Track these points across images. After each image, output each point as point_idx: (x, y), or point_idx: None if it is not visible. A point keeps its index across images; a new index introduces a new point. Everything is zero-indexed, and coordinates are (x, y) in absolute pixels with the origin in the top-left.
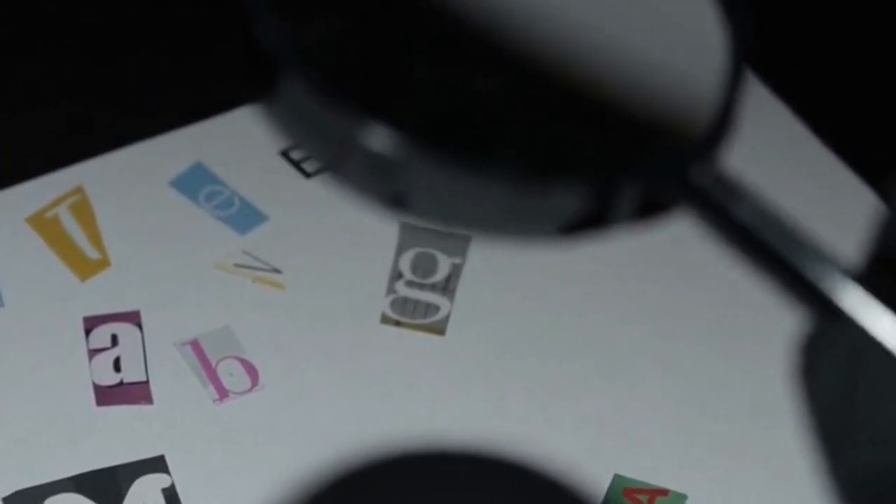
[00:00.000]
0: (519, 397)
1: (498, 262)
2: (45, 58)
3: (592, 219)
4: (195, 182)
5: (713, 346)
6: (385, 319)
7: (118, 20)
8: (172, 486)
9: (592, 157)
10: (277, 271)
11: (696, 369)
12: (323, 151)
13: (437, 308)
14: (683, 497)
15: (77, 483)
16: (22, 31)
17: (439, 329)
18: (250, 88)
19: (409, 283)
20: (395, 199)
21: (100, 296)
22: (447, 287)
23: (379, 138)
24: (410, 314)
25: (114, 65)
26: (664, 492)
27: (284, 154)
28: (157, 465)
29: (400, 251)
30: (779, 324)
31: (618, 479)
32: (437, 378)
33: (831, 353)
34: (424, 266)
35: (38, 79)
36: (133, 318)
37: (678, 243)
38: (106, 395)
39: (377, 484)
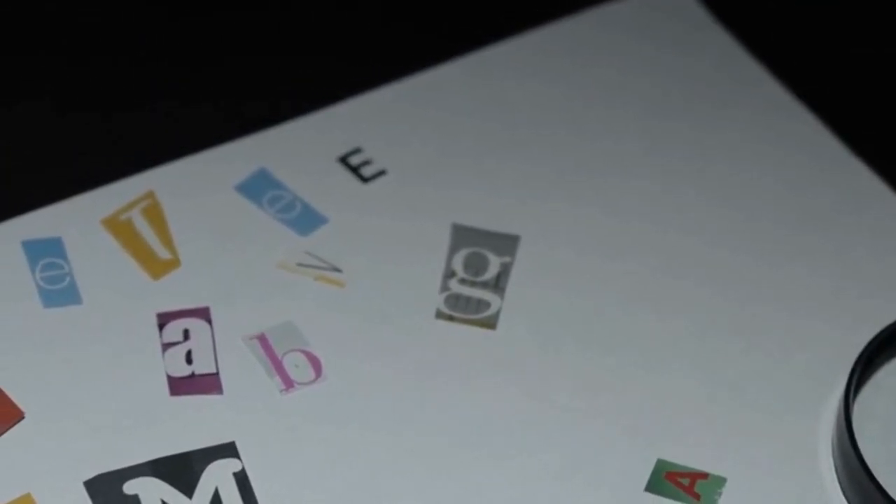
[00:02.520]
0: (565, 387)
1: (544, 262)
2: (114, 64)
3: None
4: (259, 187)
5: (747, 339)
6: (439, 315)
7: (189, 31)
8: (243, 471)
9: None
10: (337, 270)
11: (733, 361)
12: None
13: (487, 304)
14: (723, 480)
15: (154, 467)
16: (92, 37)
17: (490, 324)
18: None
19: (462, 281)
20: None
21: (171, 293)
22: (497, 284)
23: None
24: (463, 310)
25: (180, 75)
26: (704, 475)
27: (343, 160)
28: (228, 450)
29: (452, 251)
30: (807, 319)
31: (660, 464)
32: (489, 369)
33: None
34: (476, 265)
35: (109, 87)
36: (203, 313)
37: (712, 245)
38: (179, 386)
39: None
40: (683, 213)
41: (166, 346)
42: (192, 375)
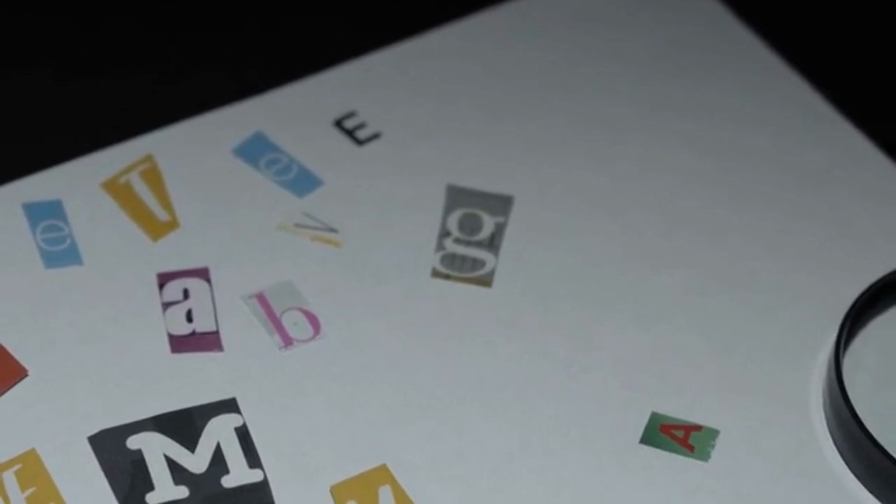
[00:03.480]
0: (561, 343)
1: (538, 222)
2: (112, 31)
3: None
4: (256, 150)
5: (740, 295)
6: (436, 273)
7: None
8: (244, 425)
9: None
10: (334, 230)
11: (725, 316)
12: None
13: (483, 263)
14: (716, 432)
15: (156, 423)
16: (91, 5)
17: (486, 281)
18: None
19: (457, 241)
20: None
21: (171, 254)
22: (492, 243)
23: None
24: (459, 268)
25: (176, 41)
26: (698, 427)
27: (338, 124)
28: (229, 406)
29: (447, 212)
30: (798, 275)
31: (655, 417)
32: (485, 326)
33: None
34: (470, 225)
35: (107, 53)
36: (202, 273)
37: (704, 205)
38: (180, 344)
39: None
40: (675, 173)
41: (166, 305)
42: (193, 333)
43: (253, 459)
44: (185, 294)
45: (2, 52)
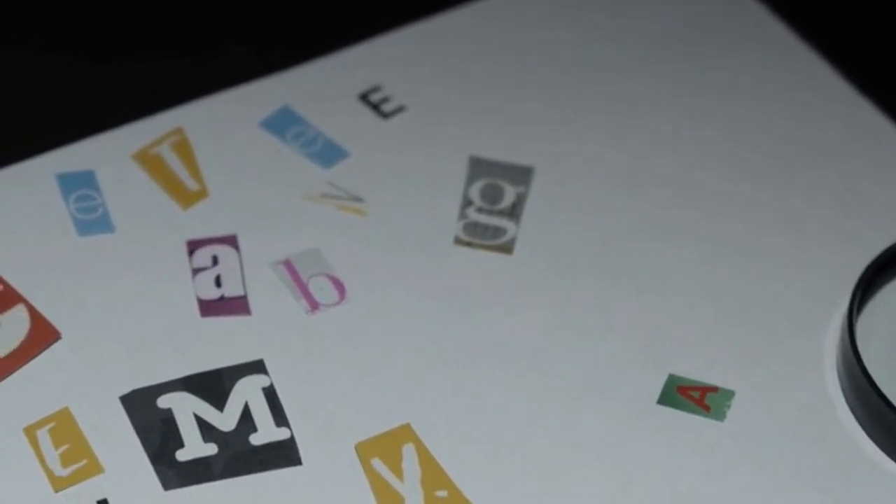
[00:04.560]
0: (580, 308)
1: (558, 193)
2: (144, 15)
3: None
4: (283, 123)
5: (755, 262)
6: (458, 241)
7: None
8: (271, 386)
9: None
10: (360, 200)
11: (741, 283)
12: None
13: (504, 231)
14: (731, 393)
15: (186, 383)
16: None
17: (507, 249)
18: None
19: (479, 210)
20: None
21: (200, 222)
22: (513, 212)
23: None
24: (481, 236)
25: (205, 20)
26: (714, 389)
27: (363, 98)
28: (257, 367)
29: (469, 182)
30: (813, 244)
31: (672, 378)
32: (506, 292)
33: None
34: (492, 194)
35: (141, 32)
36: (231, 241)
37: (720, 177)
38: (209, 308)
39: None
40: (691, 148)
41: (196, 272)
42: (222, 298)
43: (280, 418)
44: (215, 260)
45: (40, 33)
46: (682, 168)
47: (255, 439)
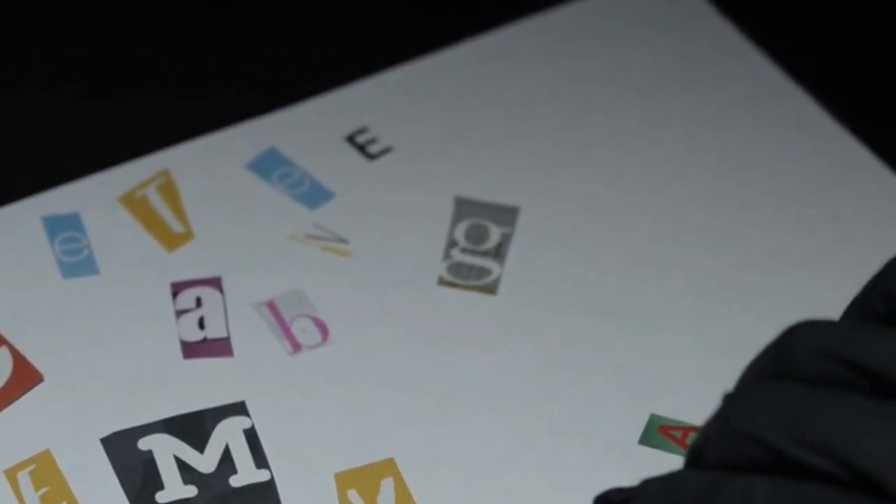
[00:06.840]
0: (563, 348)
1: (543, 233)
2: (130, 54)
3: None
4: (269, 164)
5: (741, 301)
6: (442, 281)
7: (200, 21)
8: (253, 428)
9: None
10: (344, 241)
11: (726, 322)
12: None
13: (489, 271)
14: None
15: (167, 425)
16: (116, 29)
17: (491, 289)
18: None
19: (464, 250)
20: None
21: (185, 264)
22: (498, 253)
23: None
24: (465, 277)
25: (191, 62)
26: (696, 429)
27: (350, 139)
28: (238, 409)
29: (455, 222)
30: (798, 282)
31: (654, 418)
32: (489, 331)
33: None
34: (477, 235)
35: (126, 75)
36: (215, 283)
37: (707, 215)
38: (191, 349)
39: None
40: (679, 185)
41: (179, 313)
42: (205, 340)
43: (260, 460)
44: (198, 302)
45: (23, 72)
46: (670, 205)
47: (235, 481)
